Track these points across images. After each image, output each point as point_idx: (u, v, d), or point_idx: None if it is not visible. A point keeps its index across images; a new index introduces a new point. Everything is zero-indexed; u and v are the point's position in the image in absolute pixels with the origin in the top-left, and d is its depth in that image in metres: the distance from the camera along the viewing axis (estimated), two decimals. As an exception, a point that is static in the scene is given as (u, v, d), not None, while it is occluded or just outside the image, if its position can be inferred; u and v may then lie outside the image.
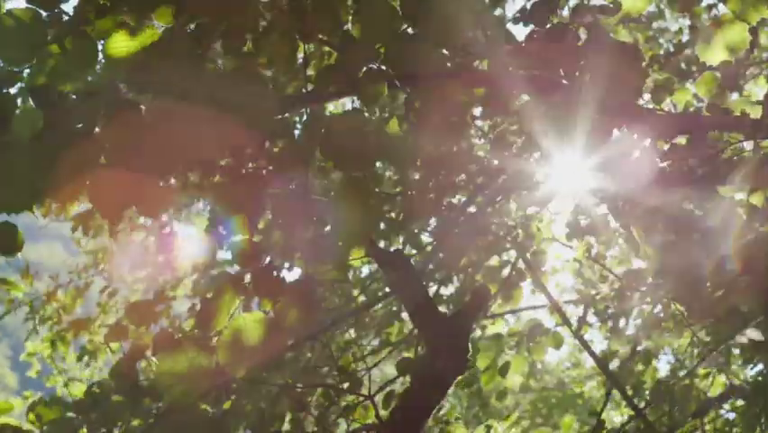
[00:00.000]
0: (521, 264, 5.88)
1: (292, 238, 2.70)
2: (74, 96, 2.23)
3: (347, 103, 6.34)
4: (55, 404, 3.02)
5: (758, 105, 3.22)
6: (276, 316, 2.57)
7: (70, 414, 2.99)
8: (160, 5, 2.32)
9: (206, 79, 2.30)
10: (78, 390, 6.83)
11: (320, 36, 2.66)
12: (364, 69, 2.60)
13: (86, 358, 7.18)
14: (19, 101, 2.32)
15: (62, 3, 2.29)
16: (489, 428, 5.28)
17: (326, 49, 3.16)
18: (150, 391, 3.17)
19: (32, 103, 2.28)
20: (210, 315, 2.59)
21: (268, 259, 2.67)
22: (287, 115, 2.71)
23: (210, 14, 2.34)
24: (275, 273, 2.64)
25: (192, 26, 2.36)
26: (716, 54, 3.09)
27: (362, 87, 2.61)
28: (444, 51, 2.68)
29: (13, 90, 2.29)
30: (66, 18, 2.29)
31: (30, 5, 2.25)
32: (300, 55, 2.75)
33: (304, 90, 2.80)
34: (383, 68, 2.60)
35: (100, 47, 2.28)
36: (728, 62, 3.09)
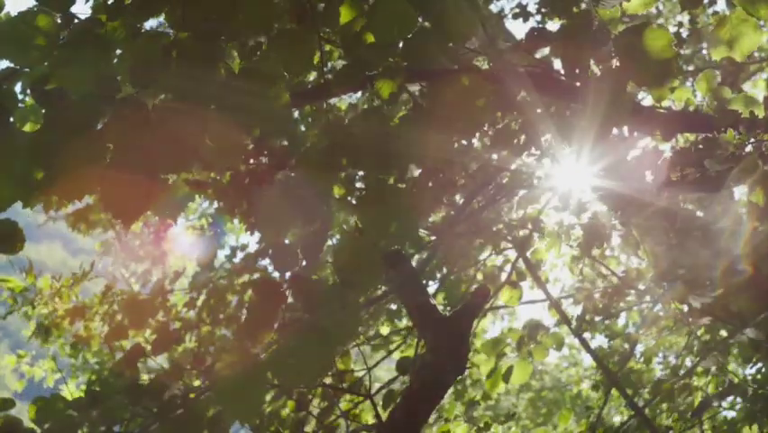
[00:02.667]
0: (521, 263, 5.87)
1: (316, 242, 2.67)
2: (77, 96, 2.21)
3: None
4: (56, 402, 3.02)
5: (760, 106, 3.22)
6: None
7: (71, 412, 2.99)
8: (168, 6, 2.29)
9: (218, 81, 2.27)
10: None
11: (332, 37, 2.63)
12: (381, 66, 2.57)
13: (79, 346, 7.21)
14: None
15: (72, 4, 2.26)
16: (488, 426, 5.28)
17: (327, 48, 3.15)
18: (150, 389, 3.16)
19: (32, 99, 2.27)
20: (258, 326, 2.55)
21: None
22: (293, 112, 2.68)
23: (221, 14, 2.31)
24: (312, 277, 2.62)
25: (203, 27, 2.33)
26: (726, 50, 3.02)
27: (380, 85, 2.58)
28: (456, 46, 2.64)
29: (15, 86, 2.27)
30: (77, 21, 2.26)
31: (42, 8, 2.22)
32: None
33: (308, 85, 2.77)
34: (399, 64, 2.57)
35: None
36: (731, 58, 3.05)
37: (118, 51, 2.26)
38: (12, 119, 2.24)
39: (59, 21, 2.23)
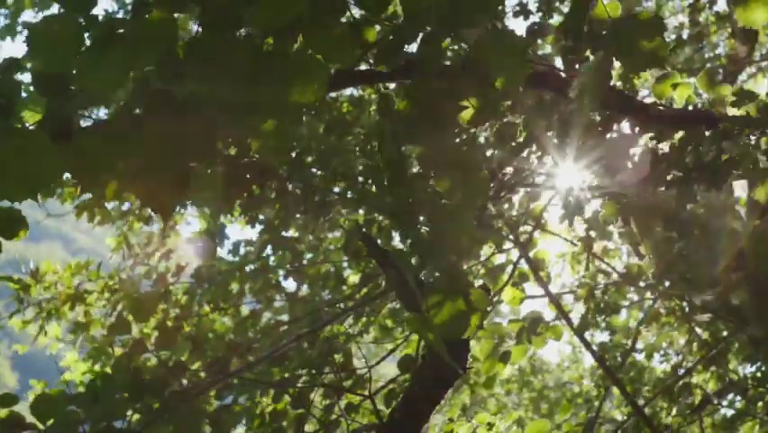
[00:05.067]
0: (522, 263, 5.86)
1: None
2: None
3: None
4: (57, 398, 3.02)
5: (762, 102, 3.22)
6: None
7: (72, 408, 2.99)
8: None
9: (241, 74, 2.25)
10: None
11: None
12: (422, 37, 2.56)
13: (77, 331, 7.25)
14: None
15: (94, 5, 2.25)
16: (491, 425, 5.27)
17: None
18: (152, 385, 3.17)
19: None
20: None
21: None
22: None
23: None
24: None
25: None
26: (756, 14, 2.95)
27: (423, 60, 2.57)
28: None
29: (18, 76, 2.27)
30: (101, 22, 2.24)
31: (64, 10, 2.21)
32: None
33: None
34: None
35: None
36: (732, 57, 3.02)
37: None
38: (16, 113, 2.23)
39: (81, 23, 2.21)
